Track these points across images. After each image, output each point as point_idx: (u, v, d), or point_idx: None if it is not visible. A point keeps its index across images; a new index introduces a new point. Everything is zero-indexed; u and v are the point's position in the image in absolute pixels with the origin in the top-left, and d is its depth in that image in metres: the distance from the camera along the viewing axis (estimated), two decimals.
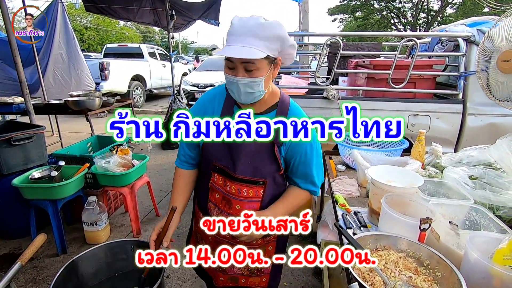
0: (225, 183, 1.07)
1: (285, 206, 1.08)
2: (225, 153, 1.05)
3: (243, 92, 0.94)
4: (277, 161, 1.04)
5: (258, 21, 0.88)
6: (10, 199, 2.26)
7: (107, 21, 25.18)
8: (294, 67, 8.74)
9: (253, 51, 0.86)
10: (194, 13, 5.33)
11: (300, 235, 2.52)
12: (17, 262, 0.87)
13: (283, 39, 0.91)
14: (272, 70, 0.96)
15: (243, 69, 0.91)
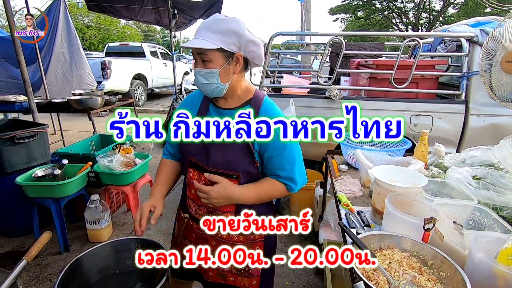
0: (200, 177, 1.11)
1: (257, 190, 1.08)
2: (199, 147, 1.09)
3: (200, 83, 1.02)
4: (250, 154, 1.06)
5: (216, 17, 0.98)
6: (13, 197, 2.27)
7: (108, 20, 25.20)
8: (296, 66, 8.75)
9: (204, 42, 0.94)
10: (196, 12, 5.33)
11: (302, 235, 2.53)
12: (23, 259, 0.87)
13: (239, 34, 0.96)
14: (232, 65, 1.00)
15: (200, 61, 0.99)
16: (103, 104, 3.72)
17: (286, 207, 3.02)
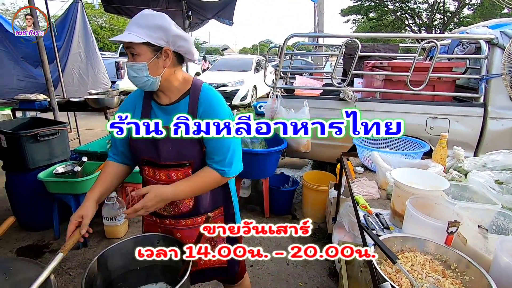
0: (154, 172, 1.16)
1: (190, 184, 1.10)
2: (148, 145, 1.13)
3: (131, 76, 1.05)
4: (198, 141, 1.10)
5: (143, 13, 1.01)
6: (35, 193, 2.35)
7: (121, 21, 25.64)
8: (306, 68, 8.72)
9: (130, 36, 0.97)
10: (208, 12, 5.38)
11: (315, 236, 2.53)
12: (59, 252, 0.91)
13: (165, 28, 0.99)
14: (161, 58, 1.03)
15: (130, 55, 1.03)
16: (119, 103, 3.80)
17: (299, 208, 3.02)
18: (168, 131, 1.10)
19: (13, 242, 2.41)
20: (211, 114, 1.09)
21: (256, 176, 2.74)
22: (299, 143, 2.74)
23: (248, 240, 2.51)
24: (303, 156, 3.12)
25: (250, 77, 8.41)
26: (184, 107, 1.11)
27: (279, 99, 2.92)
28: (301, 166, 4.25)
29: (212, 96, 1.12)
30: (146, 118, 1.14)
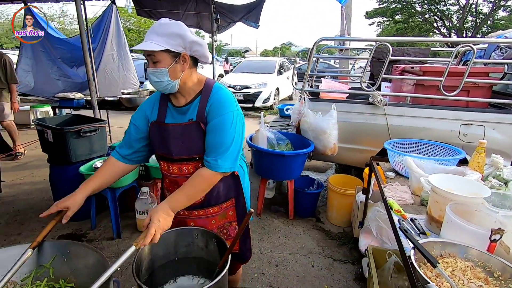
0: (168, 166, 1.26)
1: (183, 192, 1.16)
2: (161, 142, 1.23)
3: (153, 81, 1.14)
4: (204, 137, 1.19)
5: (161, 22, 1.09)
6: (75, 185, 2.49)
7: (148, 24, 26.52)
8: (329, 71, 8.63)
9: (150, 44, 1.06)
10: (235, 15, 5.49)
11: (340, 240, 2.53)
12: (132, 246, 0.98)
13: (182, 36, 1.08)
14: (179, 63, 1.12)
15: (151, 62, 1.11)
16: None
17: (323, 212, 3.02)
18: (178, 129, 1.20)
19: (55, 230, 2.57)
20: (216, 108, 1.16)
21: (282, 177, 2.77)
22: (326, 146, 2.75)
23: (273, 239, 2.55)
24: (329, 159, 3.11)
25: (273, 79, 8.46)
26: (195, 106, 1.20)
27: (307, 102, 2.94)
28: (324, 170, 4.23)
29: (220, 95, 1.19)
30: (162, 118, 1.24)
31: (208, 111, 1.17)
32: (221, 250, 1.28)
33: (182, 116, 1.22)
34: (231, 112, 1.16)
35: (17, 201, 3.05)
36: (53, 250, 1.11)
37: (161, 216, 1.07)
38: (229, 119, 1.16)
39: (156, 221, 1.04)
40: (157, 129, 1.24)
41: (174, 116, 1.24)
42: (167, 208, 1.10)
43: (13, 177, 3.60)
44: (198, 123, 1.17)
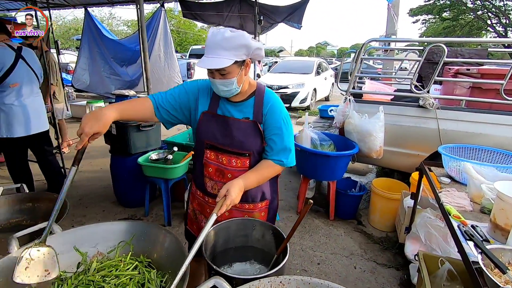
0: (217, 156, 1.29)
1: (256, 175, 1.24)
2: (215, 132, 1.28)
3: (221, 90, 1.19)
4: (260, 136, 1.26)
5: (224, 35, 1.08)
6: (133, 175, 2.76)
7: (186, 24, 27.60)
8: (369, 72, 8.36)
9: (222, 61, 1.09)
10: (278, 16, 5.55)
11: (383, 244, 2.49)
12: (214, 213, 1.08)
13: (248, 46, 1.11)
14: (243, 70, 1.18)
15: (218, 74, 1.14)
16: None
17: (364, 215, 2.98)
18: (236, 123, 1.26)
19: (113, 214, 2.86)
20: (275, 113, 1.25)
21: (324, 177, 2.79)
22: (371, 149, 2.71)
23: (314, 238, 2.58)
24: (373, 162, 3.07)
25: (311, 80, 8.41)
26: (250, 105, 1.27)
27: (352, 103, 2.93)
28: (364, 173, 4.15)
29: (275, 98, 1.29)
30: (213, 110, 1.29)
31: (266, 114, 1.25)
32: (277, 241, 1.36)
33: (235, 111, 1.28)
34: (287, 115, 1.30)
35: (80, 186, 3.40)
36: (133, 229, 1.26)
37: (237, 191, 1.15)
38: (288, 122, 1.29)
39: (233, 193, 1.13)
40: (212, 119, 1.29)
41: (226, 109, 1.28)
42: (241, 185, 1.18)
43: None
44: (256, 123, 1.25)
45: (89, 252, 1.18)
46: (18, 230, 1.47)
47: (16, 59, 2.47)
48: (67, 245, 1.16)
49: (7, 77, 2.42)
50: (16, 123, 2.53)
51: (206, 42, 1.13)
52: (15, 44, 2.56)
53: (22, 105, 2.55)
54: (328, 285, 1.02)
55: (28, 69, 2.59)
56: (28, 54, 2.61)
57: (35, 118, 2.64)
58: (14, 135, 2.53)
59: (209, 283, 0.94)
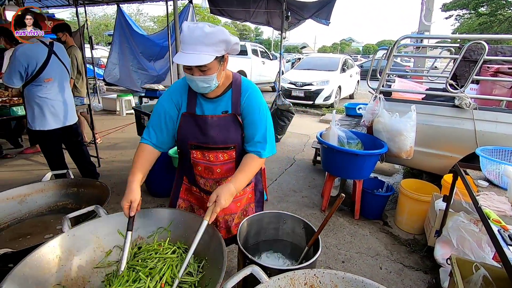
0: (204, 154, 1.30)
1: (244, 174, 1.23)
2: (197, 132, 1.27)
3: (201, 87, 1.17)
4: (240, 127, 1.28)
5: (204, 30, 1.05)
6: (163, 166, 2.85)
7: (211, 20, 27.86)
8: (398, 70, 8.07)
9: (203, 57, 1.07)
10: (306, 12, 5.48)
11: (411, 247, 2.44)
12: (205, 220, 1.11)
13: (227, 41, 1.11)
14: (222, 65, 1.18)
15: (198, 70, 1.12)
16: None
17: (391, 215, 2.92)
18: (216, 120, 1.26)
19: (143, 203, 2.95)
20: (251, 104, 1.27)
21: (351, 176, 2.76)
22: (401, 149, 2.65)
23: (338, 237, 2.57)
24: (402, 162, 2.99)
25: (336, 77, 8.25)
26: (228, 97, 1.27)
27: (382, 101, 2.86)
28: (391, 173, 4.05)
29: (252, 88, 1.30)
30: (191, 110, 1.28)
31: (244, 105, 1.27)
32: (308, 234, 1.39)
33: (213, 107, 1.27)
34: (264, 105, 1.31)
35: (113, 175, 3.58)
36: (171, 217, 1.32)
37: (227, 196, 1.14)
38: (265, 111, 1.30)
39: (223, 200, 1.12)
40: (191, 120, 1.28)
41: (204, 107, 1.28)
42: (232, 189, 1.16)
43: (107, 155, 4.22)
44: (235, 115, 1.27)
45: (120, 253, 1.25)
46: (64, 212, 1.61)
47: (49, 55, 2.55)
48: (111, 227, 1.24)
49: (42, 72, 2.50)
50: (49, 116, 2.62)
51: (183, 37, 1.09)
52: (47, 39, 2.64)
53: (54, 99, 2.64)
54: (363, 281, 1.04)
55: (60, 64, 2.67)
56: (59, 49, 2.69)
57: (65, 111, 2.75)
58: (46, 127, 2.63)
59: (246, 270, 0.98)
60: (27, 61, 2.41)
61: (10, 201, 1.51)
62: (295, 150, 4.87)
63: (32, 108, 2.58)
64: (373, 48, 57.66)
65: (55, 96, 2.65)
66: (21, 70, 2.40)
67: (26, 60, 2.40)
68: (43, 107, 2.58)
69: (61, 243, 1.08)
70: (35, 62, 2.45)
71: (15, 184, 1.57)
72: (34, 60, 2.45)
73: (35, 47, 2.49)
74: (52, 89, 2.62)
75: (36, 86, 2.53)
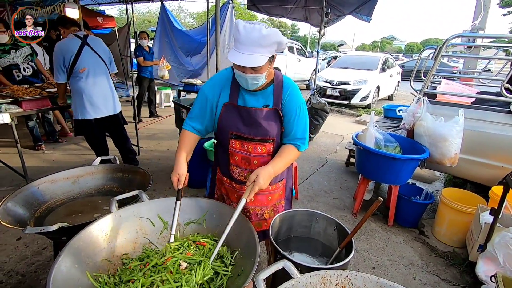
0: (243, 145, 1.33)
1: (283, 160, 1.30)
2: (239, 122, 1.31)
3: (250, 84, 1.22)
4: (280, 122, 1.33)
5: (261, 32, 1.08)
6: (198, 158, 2.97)
7: (248, 16, 28.01)
8: (444, 71, 7.53)
9: (259, 59, 1.11)
10: (346, 8, 5.30)
11: (449, 260, 2.30)
12: (243, 198, 1.18)
13: (281, 42, 1.15)
14: (271, 63, 1.23)
15: (250, 69, 1.17)
16: None
17: (428, 225, 2.77)
18: (259, 112, 1.30)
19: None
20: (293, 100, 1.32)
21: (388, 180, 2.65)
22: (444, 155, 2.49)
23: (370, 242, 2.50)
24: (444, 170, 2.81)
25: (375, 76, 7.91)
26: (270, 92, 1.31)
27: (426, 104, 2.71)
28: (430, 181, 3.82)
29: (293, 86, 1.35)
30: (234, 100, 1.32)
31: (285, 103, 1.32)
32: (340, 235, 1.37)
33: (255, 100, 1.31)
34: (304, 102, 1.37)
35: (151, 164, 3.80)
36: (207, 206, 1.38)
37: (266, 177, 1.21)
38: (305, 108, 1.36)
39: (261, 180, 1.19)
40: (234, 110, 1.32)
41: (246, 99, 1.31)
42: (271, 171, 1.24)
43: (146, 144, 4.47)
44: (276, 110, 1.31)
45: (169, 222, 1.33)
46: (110, 194, 1.75)
47: (82, 46, 2.67)
48: (153, 211, 1.33)
49: (76, 62, 2.64)
50: (88, 107, 2.77)
51: (239, 37, 1.11)
52: (82, 33, 2.79)
53: (92, 90, 2.76)
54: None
55: (94, 54, 2.77)
56: (93, 41, 2.80)
57: (105, 101, 2.87)
58: (87, 117, 2.78)
59: (278, 264, 1.00)
60: (62, 55, 2.61)
61: (66, 180, 1.67)
62: (327, 150, 4.78)
63: (74, 99, 2.79)
64: (416, 47, 54.25)
65: (92, 87, 2.77)
66: (60, 65, 2.62)
67: (61, 54, 2.61)
68: (82, 98, 2.75)
69: (109, 222, 1.18)
70: (69, 53, 2.62)
71: (67, 166, 1.74)
72: (68, 52, 2.62)
73: (69, 41, 2.67)
74: (88, 81, 2.75)
75: (75, 78, 2.71)
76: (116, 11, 23.42)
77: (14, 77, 3.68)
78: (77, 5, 3.65)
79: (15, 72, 3.67)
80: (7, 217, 1.32)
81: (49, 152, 4.08)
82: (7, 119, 2.69)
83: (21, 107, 2.87)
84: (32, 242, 2.28)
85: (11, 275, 1.97)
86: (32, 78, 3.82)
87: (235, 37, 1.14)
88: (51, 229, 1.16)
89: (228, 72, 1.35)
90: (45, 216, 1.51)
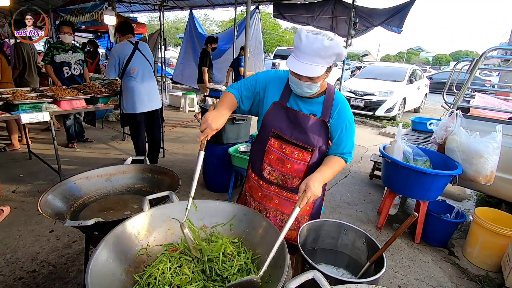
0: (281, 146, 1.34)
1: (330, 169, 1.27)
2: (283, 123, 1.32)
3: (304, 92, 1.24)
4: (325, 134, 1.31)
5: (323, 44, 1.08)
6: (222, 163, 3.02)
7: (271, 25, 28.34)
8: (478, 84, 7.21)
9: (317, 69, 1.13)
10: (376, 19, 5.25)
11: (481, 284, 2.16)
12: (297, 207, 1.16)
13: (340, 54, 1.13)
14: (327, 73, 1.21)
15: (306, 77, 1.17)
16: None
17: (458, 245, 2.62)
18: (306, 118, 1.30)
19: (200, 196, 3.18)
20: (343, 115, 1.31)
21: (416, 196, 2.55)
22: (479, 172, 2.37)
23: (395, 259, 2.40)
24: (477, 188, 2.67)
25: (401, 88, 7.70)
26: (320, 102, 1.31)
27: (459, 118, 2.60)
28: (460, 199, 3.63)
29: (344, 101, 1.34)
30: (284, 101, 1.33)
31: (336, 115, 1.31)
32: (370, 250, 1.33)
33: (303, 106, 1.32)
34: (352, 118, 1.37)
35: (175, 166, 3.88)
36: (235, 211, 1.38)
37: (316, 183, 1.17)
38: (353, 124, 1.37)
39: (312, 186, 1.15)
40: (283, 111, 1.33)
41: (295, 103, 1.32)
42: (320, 178, 1.21)
43: (171, 147, 4.59)
44: (324, 122, 1.30)
45: (196, 224, 1.34)
46: (140, 193, 1.80)
47: (134, 51, 3.14)
48: (183, 213, 1.35)
49: (128, 64, 3.10)
50: (137, 101, 3.21)
51: (299, 45, 1.12)
52: (134, 39, 3.26)
53: (140, 87, 3.20)
54: None
55: (143, 58, 3.23)
56: (142, 46, 3.26)
57: (150, 97, 3.30)
58: (136, 110, 3.22)
59: (308, 274, 0.98)
60: (118, 56, 3.09)
61: (100, 178, 1.75)
62: (351, 162, 4.68)
63: (125, 95, 3.23)
64: (445, 58, 52.40)
65: (140, 85, 3.21)
66: (115, 64, 3.10)
67: (117, 55, 3.09)
68: (132, 94, 3.18)
69: (142, 220, 1.22)
70: (124, 56, 3.09)
71: (96, 164, 1.81)
72: (123, 55, 3.09)
73: (124, 45, 3.14)
74: (137, 79, 3.19)
75: (126, 77, 3.17)
76: (146, 18, 24.49)
77: (63, 74, 4.01)
78: (114, 12, 3.85)
79: (65, 69, 4.02)
80: (47, 209, 1.40)
81: (80, 150, 4.29)
82: (47, 117, 2.87)
83: (59, 106, 3.05)
84: (63, 235, 2.39)
85: (43, 265, 2.07)
86: (78, 78, 4.16)
87: (295, 44, 1.16)
88: (88, 223, 1.21)
89: (285, 73, 1.39)
90: (80, 211, 1.58)
